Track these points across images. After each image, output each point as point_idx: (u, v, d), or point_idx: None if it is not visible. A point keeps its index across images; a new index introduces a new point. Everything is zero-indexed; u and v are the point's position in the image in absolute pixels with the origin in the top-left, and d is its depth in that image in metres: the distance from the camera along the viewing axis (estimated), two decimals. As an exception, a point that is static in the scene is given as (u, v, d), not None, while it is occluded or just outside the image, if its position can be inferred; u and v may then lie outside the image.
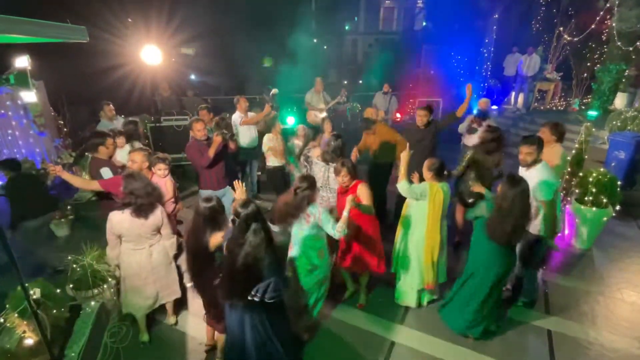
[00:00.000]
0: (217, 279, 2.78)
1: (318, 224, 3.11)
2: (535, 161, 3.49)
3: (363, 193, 3.50)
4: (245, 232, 2.46)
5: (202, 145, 4.44)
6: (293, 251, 3.28)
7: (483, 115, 5.72)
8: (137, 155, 3.78)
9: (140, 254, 3.23)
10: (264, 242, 2.47)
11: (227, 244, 2.59)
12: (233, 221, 2.59)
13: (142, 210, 3.09)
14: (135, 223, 3.11)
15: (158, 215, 3.19)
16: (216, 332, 3.23)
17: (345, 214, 3.02)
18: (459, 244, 4.96)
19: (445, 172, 3.65)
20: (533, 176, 3.38)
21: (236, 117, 6.10)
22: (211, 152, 4.32)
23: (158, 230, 3.27)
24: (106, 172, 3.90)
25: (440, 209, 3.57)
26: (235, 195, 3.03)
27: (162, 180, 3.85)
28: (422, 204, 3.57)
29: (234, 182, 3.07)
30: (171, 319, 3.73)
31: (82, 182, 3.77)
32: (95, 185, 3.62)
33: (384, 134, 5.30)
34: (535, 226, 3.56)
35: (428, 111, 5.04)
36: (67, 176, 3.57)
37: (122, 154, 4.72)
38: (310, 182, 3.12)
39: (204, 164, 4.39)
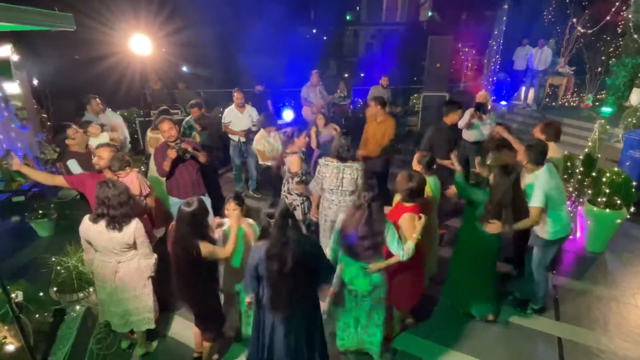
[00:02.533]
0: (212, 288, 2.88)
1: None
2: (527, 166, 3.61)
3: (406, 225, 3.08)
4: (286, 230, 2.47)
5: (167, 149, 4.18)
6: (348, 270, 3.05)
7: (483, 109, 5.79)
8: (103, 151, 3.59)
9: (107, 267, 3.08)
10: (303, 235, 2.56)
11: (267, 252, 2.51)
12: (264, 229, 2.58)
13: (114, 222, 2.92)
14: (102, 235, 2.95)
15: (131, 231, 2.97)
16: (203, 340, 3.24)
17: (415, 235, 2.93)
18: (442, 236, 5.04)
19: (435, 166, 3.76)
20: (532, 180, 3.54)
21: (229, 111, 6.20)
22: (165, 166, 4.15)
23: (130, 247, 3.06)
24: (73, 165, 3.80)
25: (427, 203, 3.62)
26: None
27: (127, 177, 3.75)
28: None
29: None
30: (139, 350, 3.46)
31: (45, 177, 3.62)
32: (60, 180, 3.54)
33: (389, 128, 5.44)
34: (544, 230, 3.60)
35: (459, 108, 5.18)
36: (27, 170, 3.48)
37: (97, 143, 4.65)
38: (375, 188, 2.91)
39: (160, 174, 4.28)
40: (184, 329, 3.76)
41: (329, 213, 4.07)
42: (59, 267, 3.70)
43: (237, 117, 6.21)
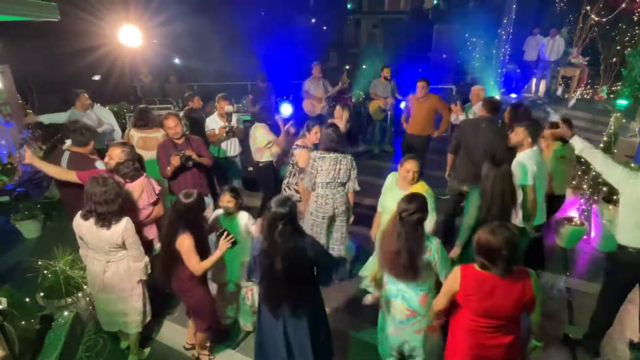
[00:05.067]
0: (200, 279, 2.99)
1: (431, 262, 2.69)
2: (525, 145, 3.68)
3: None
4: (288, 234, 2.52)
5: (172, 148, 4.24)
6: (386, 288, 2.92)
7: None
8: (115, 150, 3.61)
9: (96, 265, 3.12)
10: (303, 240, 2.59)
11: (262, 250, 2.60)
12: (270, 224, 2.58)
13: (101, 219, 2.95)
14: (92, 232, 2.99)
15: (119, 230, 3.00)
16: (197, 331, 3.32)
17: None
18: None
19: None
20: (517, 159, 3.65)
21: (211, 120, 5.57)
22: (168, 172, 4.17)
23: (119, 248, 3.09)
24: (100, 166, 3.82)
25: None
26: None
27: (132, 184, 3.65)
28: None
29: None
30: (131, 357, 3.47)
31: (58, 171, 3.63)
32: (72, 176, 3.58)
33: (435, 103, 6.01)
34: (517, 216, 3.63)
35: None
36: (39, 163, 3.52)
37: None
38: (421, 202, 2.64)
39: (162, 175, 4.29)
40: (177, 335, 3.76)
41: (326, 209, 4.06)
42: (45, 271, 3.69)
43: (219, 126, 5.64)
